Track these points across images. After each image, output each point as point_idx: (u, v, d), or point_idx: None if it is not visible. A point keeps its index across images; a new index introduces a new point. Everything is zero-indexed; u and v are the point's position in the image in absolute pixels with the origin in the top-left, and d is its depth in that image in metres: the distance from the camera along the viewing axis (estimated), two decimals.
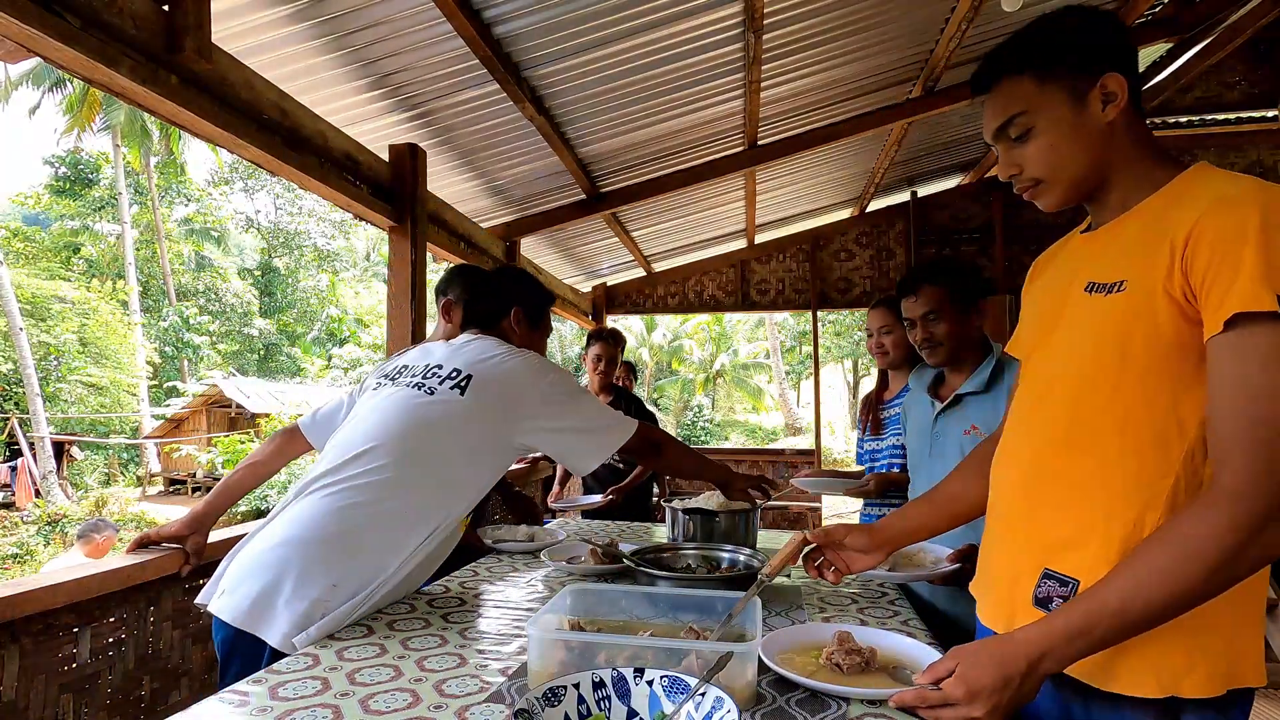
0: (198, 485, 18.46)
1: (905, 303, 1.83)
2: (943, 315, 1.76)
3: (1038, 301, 1.12)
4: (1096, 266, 0.98)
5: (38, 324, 17.82)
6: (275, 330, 28.68)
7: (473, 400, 1.51)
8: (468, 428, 1.51)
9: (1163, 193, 0.94)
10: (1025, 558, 1.00)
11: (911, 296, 1.81)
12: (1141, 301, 0.89)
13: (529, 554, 1.98)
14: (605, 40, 2.93)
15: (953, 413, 1.77)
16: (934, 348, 1.79)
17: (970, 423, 1.71)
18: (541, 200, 4.43)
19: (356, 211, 2.89)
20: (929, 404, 1.86)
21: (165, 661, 1.87)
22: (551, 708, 0.84)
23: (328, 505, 1.38)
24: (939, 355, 1.79)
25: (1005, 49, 1.01)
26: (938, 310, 1.76)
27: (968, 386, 1.74)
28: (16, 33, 1.48)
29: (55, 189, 25.69)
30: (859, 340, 23.81)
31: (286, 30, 2.40)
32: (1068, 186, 1.01)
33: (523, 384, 1.56)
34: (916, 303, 1.79)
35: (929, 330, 1.78)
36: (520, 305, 1.79)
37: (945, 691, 0.86)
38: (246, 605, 1.29)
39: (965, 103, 4.37)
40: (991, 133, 1.06)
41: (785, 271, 6.97)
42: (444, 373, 1.55)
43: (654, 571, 1.48)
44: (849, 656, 1.05)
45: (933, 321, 1.77)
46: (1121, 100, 0.95)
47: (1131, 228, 0.96)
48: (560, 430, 1.58)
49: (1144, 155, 0.98)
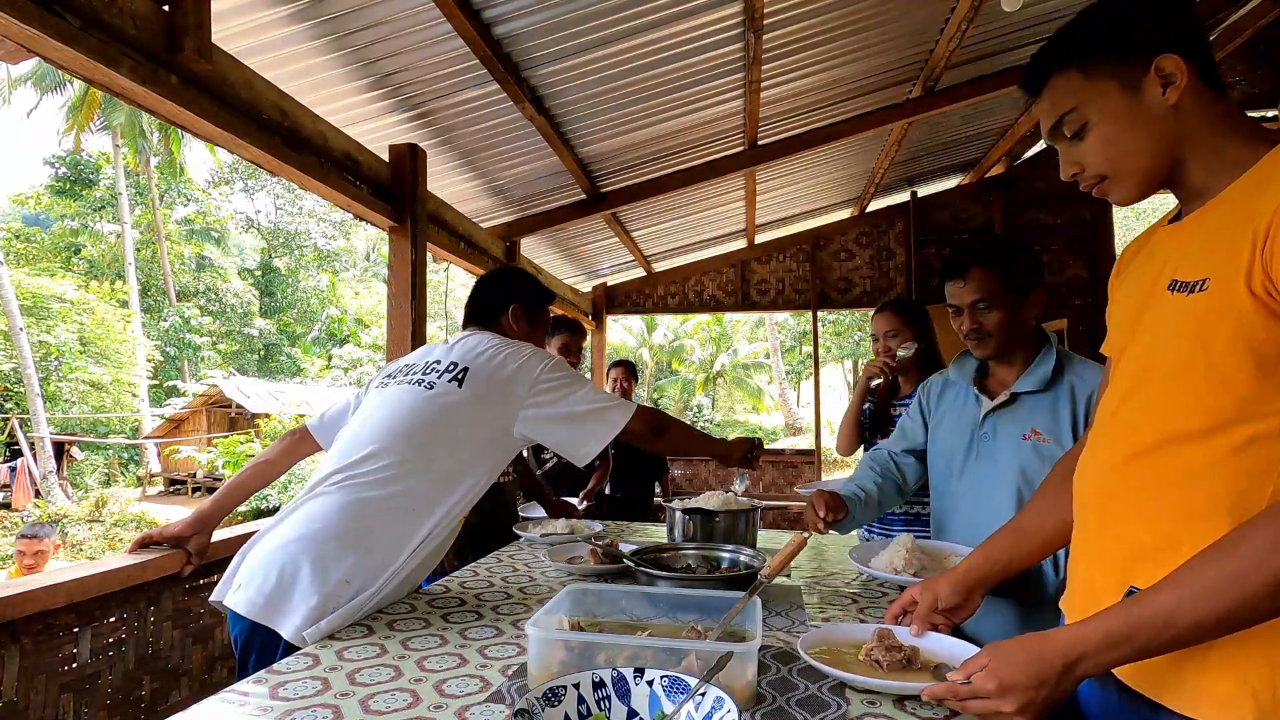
0: (198, 485, 18.46)
1: (951, 287, 1.60)
2: (995, 303, 1.54)
3: (1122, 300, 1.03)
4: (1179, 262, 0.89)
5: (38, 324, 17.82)
6: (275, 330, 28.69)
7: (470, 392, 1.54)
8: (467, 420, 1.53)
9: (1249, 175, 0.84)
10: (1105, 572, 0.93)
11: (959, 280, 1.58)
12: (1224, 301, 0.80)
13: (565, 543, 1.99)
14: (605, 40, 2.93)
15: (1006, 412, 1.57)
16: (983, 339, 1.57)
17: (1030, 426, 1.52)
18: (541, 200, 4.43)
19: (356, 211, 2.89)
20: (974, 398, 1.65)
21: (165, 661, 1.87)
22: (551, 708, 0.84)
23: (339, 502, 1.42)
24: (988, 347, 1.59)
25: (1049, 46, 0.97)
26: (989, 297, 1.54)
27: (1025, 384, 1.55)
28: (16, 33, 1.48)
29: (55, 189, 25.69)
30: (859, 340, 23.80)
31: (286, 30, 2.41)
32: (1136, 178, 0.93)
33: (517, 373, 1.57)
34: (965, 288, 1.57)
35: (978, 320, 1.56)
36: (518, 302, 1.81)
37: (976, 685, 0.84)
38: (262, 600, 1.32)
39: (965, 103, 4.38)
40: (1047, 133, 1.01)
41: (785, 271, 6.97)
42: (442, 367, 1.60)
43: (654, 571, 1.48)
44: (889, 653, 1.05)
45: (983, 310, 1.55)
46: (1182, 81, 0.87)
47: (1214, 217, 0.87)
48: (556, 418, 1.57)
49: (1225, 133, 0.88)
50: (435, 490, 1.48)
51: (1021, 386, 1.54)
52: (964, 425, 1.65)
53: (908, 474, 1.81)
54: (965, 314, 1.59)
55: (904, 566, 1.46)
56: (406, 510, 1.44)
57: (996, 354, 1.60)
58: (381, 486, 1.44)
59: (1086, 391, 1.49)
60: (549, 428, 1.58)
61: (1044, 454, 1.48)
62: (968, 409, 1.66)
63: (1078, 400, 1.49)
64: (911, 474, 1.81)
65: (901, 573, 1.45)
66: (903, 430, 1.84)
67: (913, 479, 1.81)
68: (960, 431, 1.65)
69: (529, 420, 1.56)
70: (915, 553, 1.50)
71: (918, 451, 1.80)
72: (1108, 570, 0.93)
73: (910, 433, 1.82)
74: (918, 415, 1.80)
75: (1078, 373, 1.53)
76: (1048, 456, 1.47)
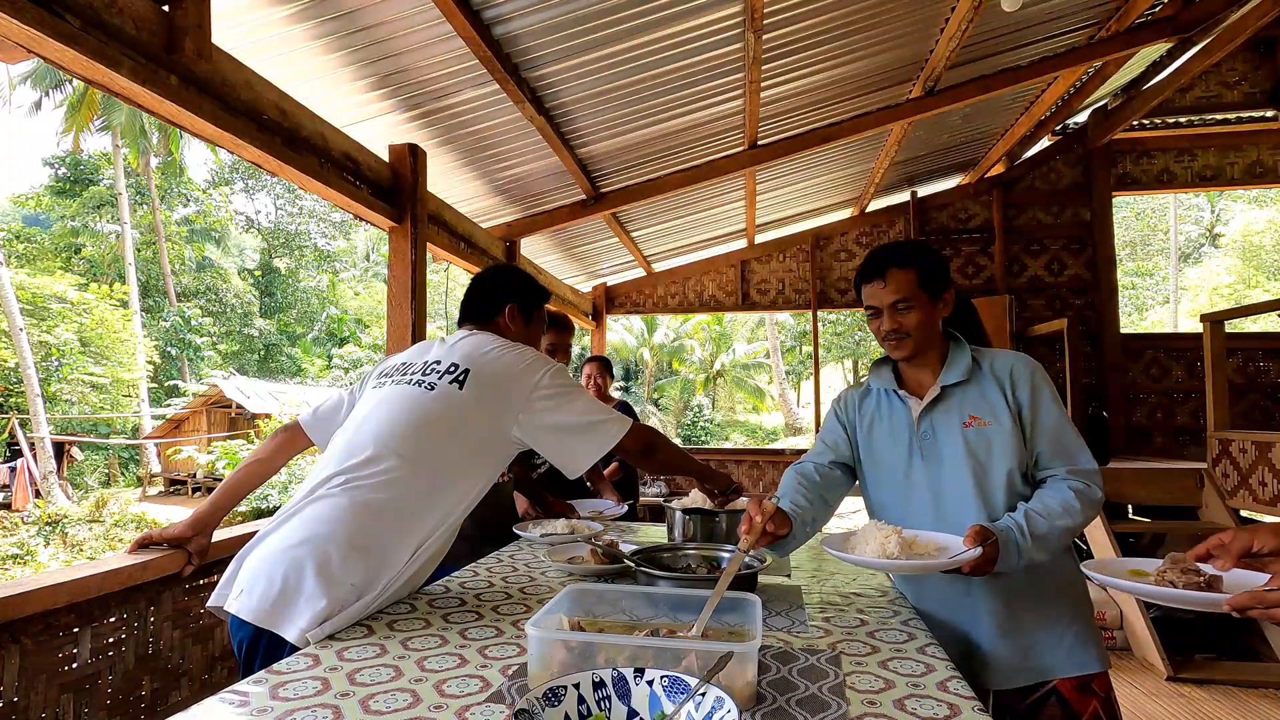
0: (198, 486, 18.46)
1: (870, 289, 1.60)
2: (913, 302, 1.56)
3: None
4: None
5: (38, 324, 17.83)
6: (275, 330, 28.70)
7: (471, 394, 1.53)
8: (468, 422, 1.53)
9: None
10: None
11: (878, 281, 1.58)
12: None
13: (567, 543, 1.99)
14: (605, 40, 2.93)
15: (939, 407, 1.58)
16: (901, 340, 1.58)
17: (966, 414, 1.55)
18: (541, 200, 4.44)
19: (357, 212, 2.89)
20: (899, 402, 1.65)
21: (165, 661, 1.87)
22: (551, 708, 0.84)
23: (340, 505, 1.41)
24: (906, 348, 1.59)
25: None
26: (908, 296, 1.56)
27: (951, 376, 1.58)
28: (16, 33, 1.48)
29: (56, 189, 25.71)
30: (859, 340, 23.80)
31: (287, 30, 2.41)
32: None
33: (517, 378, 1.57)
34: (885, 289, 1.57)
35: (898, 320, 1.57)
36: (515, 301, 1.80)
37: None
38: (267, 605, 1.31)
39: (965, 103, 4.38)
40: None
41: (785, 271, 6.97)
42: (442, 368, 1.59)
43: (654, 571, 1.48)
44: (1185, 575, 1.05)
45: (902, 310, 1.56)
46: None
47: None
48: (551, 428, 1.56)
49: None
50: (436, 492, 1.48)
51: (948, 379, 1.58)
52: (900, 430, 1.63)
53: (834, 488, 1.73)
54: (885, 315, 1.59)
55: (898, 553, 1.34)
56: (408, 512, 1.44)
57: (914, 354, 1.61)
58: (383, 490, 1.43)
59: (1005, 369, 1.56)
60: (544, 436, 1.57)
61: (988, 435, 1.52)
62: (898, 414, 1.65)
63: (1000, 379, 1.55)
64: (837, 488, 1.74)
65: (897, 558, 1.33)
66: (824, 444, 1.78)
67: (838, 493, 1.74)
68: (898, 436, 1.63)
69: (525, 426, 1.55)
70: (904, 539, 1.38)
71: (842, 464, 1.74)
72: None
73: (835, 445, 1.76)
74: (838, 428, 1.75)
75: (989, 358, 1.60)
76: (992, 437, 1.52)
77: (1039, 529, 1.38)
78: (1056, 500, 1.43)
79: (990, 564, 1.33)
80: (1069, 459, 1.49)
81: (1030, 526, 1.38)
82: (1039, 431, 1.51)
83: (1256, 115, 5.86)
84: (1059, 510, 1.41)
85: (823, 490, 1.69)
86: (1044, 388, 1.53)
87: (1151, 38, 4.38)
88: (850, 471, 1.76)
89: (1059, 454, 1.50)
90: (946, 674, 1.11)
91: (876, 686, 1.06)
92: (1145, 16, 4.33)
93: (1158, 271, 25.47)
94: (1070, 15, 3.98)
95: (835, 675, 1.10)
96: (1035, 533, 1.38)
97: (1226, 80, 5.78)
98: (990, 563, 1.33)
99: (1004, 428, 1.51)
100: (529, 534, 2.14)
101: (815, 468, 1.73)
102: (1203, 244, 25.92)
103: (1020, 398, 1.52)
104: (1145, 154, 6.20)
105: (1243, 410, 5.74)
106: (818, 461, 1.75)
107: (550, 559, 1.78)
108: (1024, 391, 1.52)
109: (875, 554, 1.35)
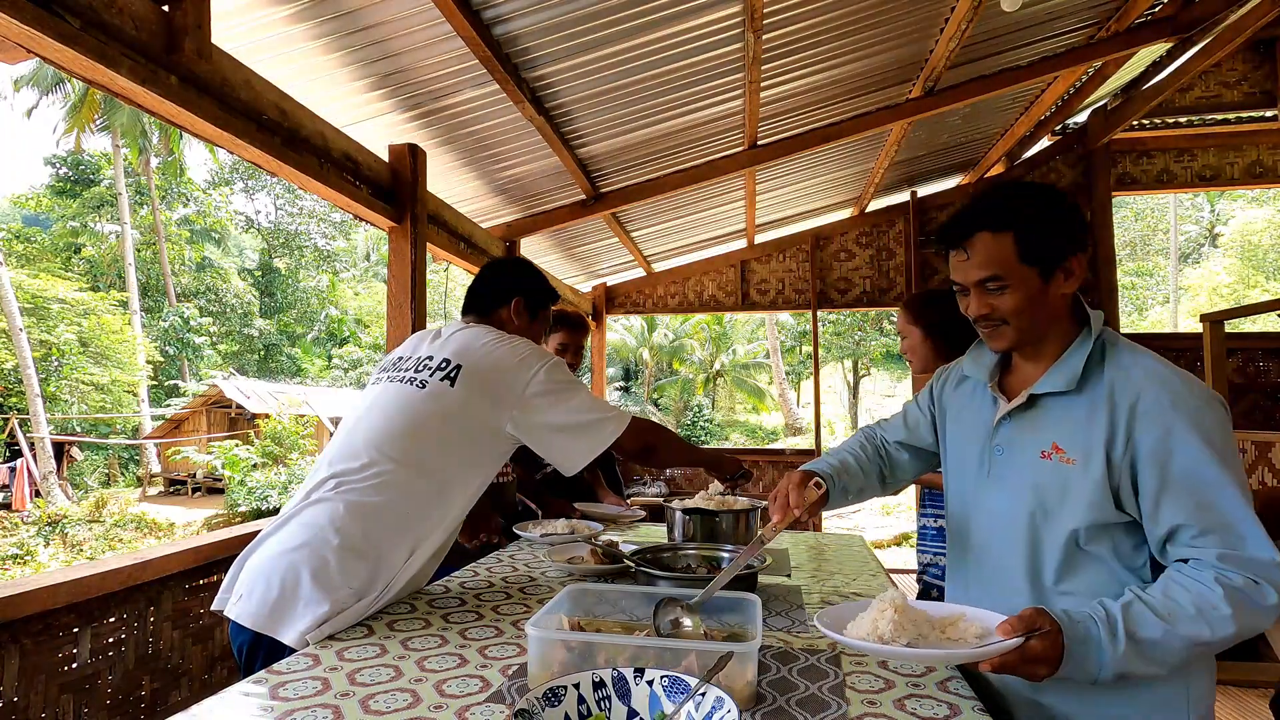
0: (197, 486, 18.46)
1: (953, 260, 1.18)
2: (1011, 280, 1.12)
3: None
4: None
5: (38, 324, 17.83)
6: (275, 330, 28.70)
7: (462, 391, 1.50)
8: (460, 420, 1.50)
9: None
10: None
11: (960, 252, 1.16)
12: None
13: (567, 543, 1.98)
14: (605, 40, 2.93)
15: (1024, 420, 1.19)
16: (995, 328, 1.17)
17: (1051, 439, 1.14)
18: (541, 200, 4.43)
19: (356, 212, 2.89)
20: (990, 399, 1.26)
21: (165, 661, 1.87)
22: (551, 708, 0.84)
23: (336, 509, 1.40)
24: (1003, 338, 1.18)
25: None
26: (1002, 274, 1.12)
27: (1049, 383, 1.15)
28: (16, 33, 1.48)
29: (56, 189, 25.71)
30: (859, 340, 23.80)
31: (287, 30, 2.41)
32: None
33: (511, 373, 1.52)
34: (969, 262, 1.15)
35: (988, 302, 1.15)
36: (523, 295, 1.77)
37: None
38: (266, 610, 1.31)
39: (965, 103, 4.37)
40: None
41: (785, 271, 6.97)
42: (434, 364, 1.55)
43: (654, 571, 1.48)
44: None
45: (994, 291, 1.14)
46: None
47: None
48: (547, 426, 1.52)
49: None
50: (432, 492, 1.46)
51: (1044, 386, 1.16)
52: (976, 434, 1.28)
53: (897, 468, 1.49)
54: (971, 294, 1.17)
55: (892, 634, 0.98)
56: (404, 514, 1.42)
57: (1018, 344, 1.19)
58: (377, 493, 1.41)
59: (1133, 391, 1.08)
60: (539, 434, 1.53)
61: (1065, 477, 1.12)
62: (981, 414, 1.28)
63: (1118, 402, 1.09)
64: (902, 470, 1.49)
65: (890, 643, 0.97)
66: (904, 418, 1.49)
67: (901, 476, 1.50)
68: (974, 440, 1.29)
69: (519, 423, 1.52)
70: (907, 614, 1.01)
71: (915, 449, 1.48)
72: None
73: (913, 424, 1.47)
74: (926, 407, 1.45)
75: (1122, 367, 1.12)
76: (1069, 480, 1.11)
77: (1146, 630, 0.96)
78: (1188, 594, 0.98)
79: (1043, 666, 0.94)
80: (1225, 537, 1.00)
81: (1130, 623, 0.96)
82: (1166, 488, 1.04)
83: (1256, 115, 5.86)
84: (1188, 610, 0.97)
85: (884, 466, 1.47)
86: (1191, 431, 1.03)
87: (1151, 38, 4.38)
88: (926, 457, 1.47)
89: (1207, 527, 1.01)
90: (946, 674, 1.11)
91: (876, 686, 1.06)
92: (1145, 16, 4.33)
93: (1158, 271, 25.49)
94: (1070, 15, 3.98)
95: (835, 675, 1.10)
96: (1138, 634, 0.96)
97: (1226, 80, 5.78)
98: (1042, 664, 0.94)
99: (1088, 474, 1.09)
100: (529, 534, 2.14)
101: (884, 441, 1.50)
102: (1203, 244, 25.93)
103: (1138, 437, 1.06)
104: (1145, 154, 6.20)
105: (1243, 410, 5.74)
106: (886, 436, 1.51)
107: (551, 559, 1.78)
108: (1149, 431, 1.05)
109: (867, 632, 1.00)
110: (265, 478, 14.11)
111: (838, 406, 26.70)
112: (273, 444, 15.43)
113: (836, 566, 1.90)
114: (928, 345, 2.17)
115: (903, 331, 2.25)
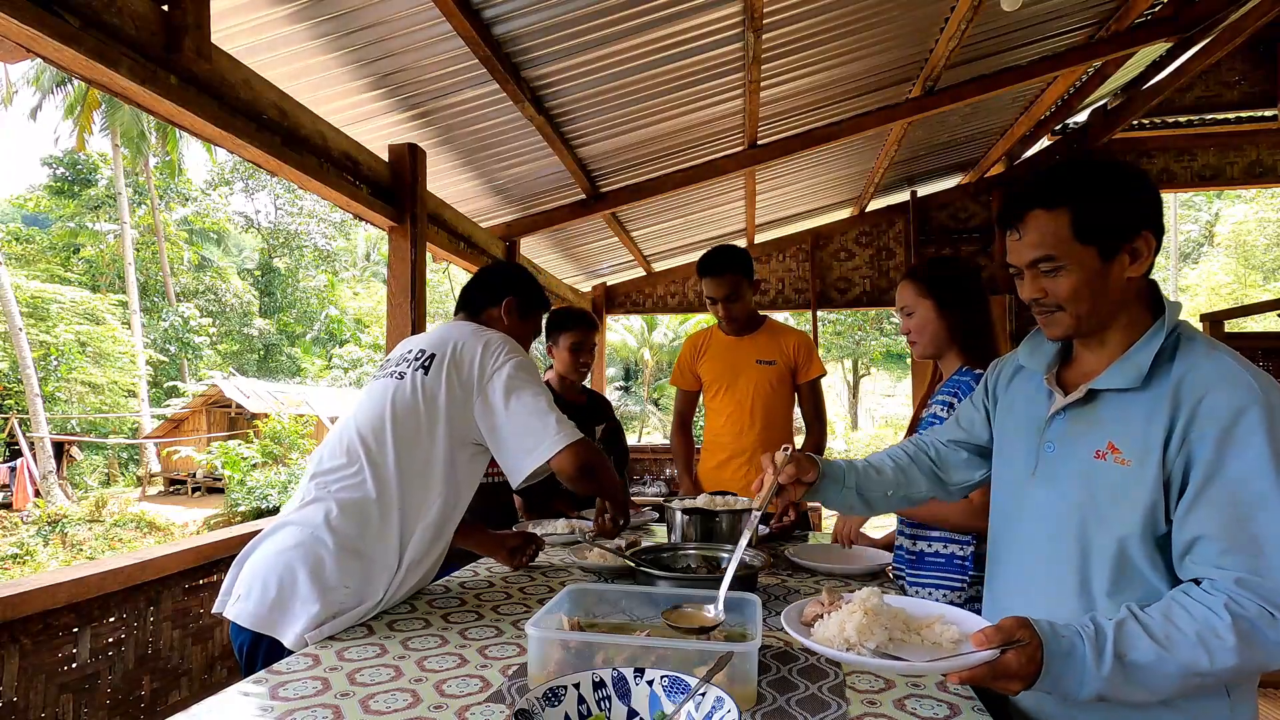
0: (197, 485, 18.46)
1: (1009, 241, 1.10)
2: (1067, 261, 1.03)
3: None
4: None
5: (37, 324, 17.83)
6: (275, 330, 28.70)
7: (435, 378, 1.50)
8: (433, 408, 1.49)
9: None
10: None
11: (1014, 232, 1.08)
12: None
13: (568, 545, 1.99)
14: (605, 40, 2.93)
15: (1080, 415, 1.09)
16: (1050, 313, 1.08)
17: (1107, 439, 1.04)
18: (541, 200, 4.43)
19: (356, 211, 2.89)
20: (1045, 393, 1.17)
21: (165, 661, 1.87)
22: (551, 708, 0.84)
23: (325, 508, 1.40)
24: (1059, 326, 1.09)
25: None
26: (1056, 253, 1.03)
27: (1111, 378, 1.05)
28: (16, 33, 1.47)
29: (55, 190, 25.69)
30: (859, 340, 23.78)
31: (286, 30, 2.40)
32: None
33: (478, 358, 1.52)
34: (1022, 241, 1.07)
35: (1042, 285, 1.07)
36: (515, 296, 1.77)
37: None
38: (264, 610, 1.31)
39: (965, 103, 4.37)
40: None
41: (785, 271, 6.98)
42: (412, 356, 1.57)
43: (654, 571, 1.48)
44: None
45: (1048, 273, 1.05)
46: None
47: None
48: (498, 415, 1.48)
49: None
50: (416, 487, 1.46)
51: (1106, 382, 1.05)
52: (1027, 429, 1.18)
53: (951, 469, 1.37)
54: (1026, 277, 1.09)
55: (858, 637, 0.94)
56: (385, 509, 1.43)
57: (1078, 333, 1.09)
58: (359, 489, 1.42)
59: (1199, 389, 0.97)
60: (491, 423, 1.49)
61: (1119, 479, 1.02)
62: (1035, 408, 1.18)
63: (1182, 400, 0.98)
64: (959, 470, 1.37)
65: (855, 647, 0.93)
66: (958, 417, 1.40)
67: (961, 478, 1.37)
68: (1023, 435, 1.19)
69: (479, 412, 1.49)
70: (878, 617, 0.97)
71: (973, 446, 1.36)
72: None
73: (967, 422, 1.36)
74: (980, 403, 1.35)
75: (1193, 362, 1.00)
76: (1124, 483, 1.01)
77: (1137, 653, 0.88)
78: (1191, 618, 0.89)
79: (1016, 681, 0.87)
80: (1251, 560, 0.90)
81: (1121, 643, 0.88)
82: (1206, 493, 0.94)
83: (1256, 115, 5.86)
84: (1188, 635, 0.88)
85: (936, 466, 1.37)
86: (1256, 436, 0.92)
87: (1151, 38, 4.38)
88: (988, 455, 1.34)
89: (1235, 545, 0.91)
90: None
91: (876, 686, 1.06)
92: (1145, 16, 4.33)
93: (1158, 271, 25.39)
94: (1070, 15, 3.98)
95: (835, 675, 1.10)
96: (1127, 656, 0.88)
97: (1226, 80, 5.78)
98: (1015, 679, 0.87)
99: (1143, 476, 0.99)
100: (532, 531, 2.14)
101: (932, 443, 1.40)
102: (1202, 244, 25.94)
103: (1194, 438, 0.96)
104: (1145, 154, 6.20)
105: None
106: (937, 437, 1.41)
107: (573, 554, 1.80)
108: (1208, 431, 0.95)
109: (833, 634, 0.95)
110: (265, 477, 14.12)
111: (838, 406, 26.69)
112: (273, 444, 15.45)
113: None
114: (940, 324, 1.79)
115: (909, 306, 1.83)
